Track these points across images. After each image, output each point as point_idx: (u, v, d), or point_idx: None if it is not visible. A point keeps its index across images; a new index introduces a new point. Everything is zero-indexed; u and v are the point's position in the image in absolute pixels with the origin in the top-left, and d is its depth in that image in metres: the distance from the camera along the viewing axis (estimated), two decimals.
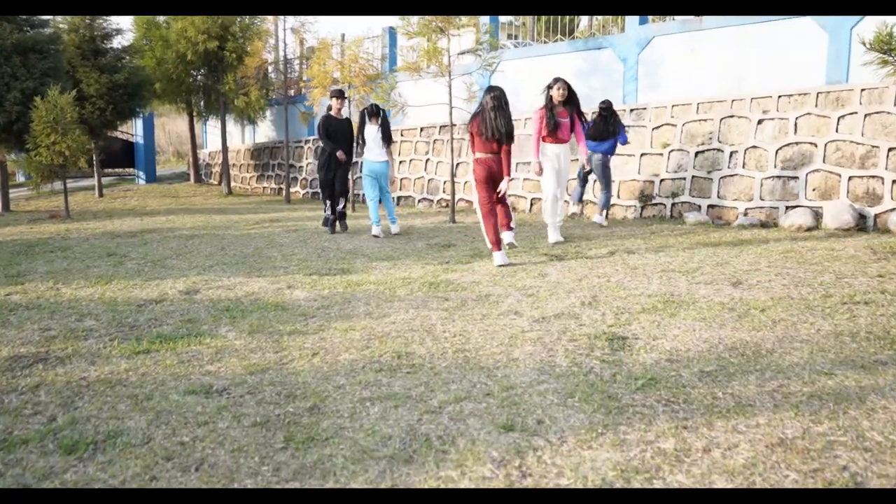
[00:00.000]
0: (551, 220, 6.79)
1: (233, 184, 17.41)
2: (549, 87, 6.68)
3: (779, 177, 7.69)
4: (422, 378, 2.85)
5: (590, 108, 9.91)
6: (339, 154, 7.95)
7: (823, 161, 7.37)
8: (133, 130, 19.79)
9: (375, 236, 7.65)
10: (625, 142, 8.20)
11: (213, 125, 18.69)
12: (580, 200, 8.79)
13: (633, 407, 2.46)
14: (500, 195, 5.78)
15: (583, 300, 4.21)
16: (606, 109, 8.00)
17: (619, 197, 9.10)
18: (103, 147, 16.08)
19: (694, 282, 4.65)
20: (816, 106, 7.55)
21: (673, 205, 8.61)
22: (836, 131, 7.33)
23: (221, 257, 6.54)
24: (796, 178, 7.54)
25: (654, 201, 8.81)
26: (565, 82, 6.67)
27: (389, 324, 3.80)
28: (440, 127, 11.89)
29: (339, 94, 8.16)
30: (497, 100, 5.63)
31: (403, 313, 4.04)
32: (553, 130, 6.58)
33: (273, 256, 6.55)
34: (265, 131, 17.45)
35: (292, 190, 15.11)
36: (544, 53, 10.76)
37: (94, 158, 15.37)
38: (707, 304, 4.01)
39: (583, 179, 8.50)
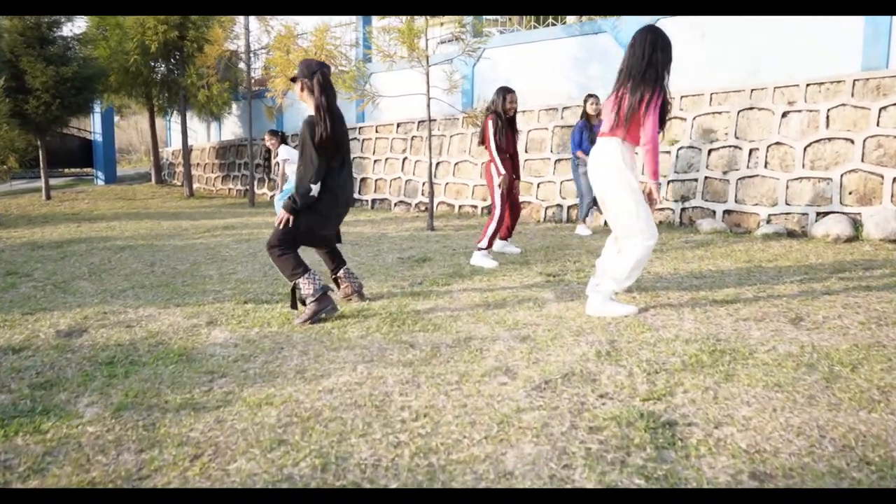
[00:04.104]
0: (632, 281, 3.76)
1: (196, 185, 16.13)
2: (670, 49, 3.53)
3: (808, 178, 6.62)
4: None
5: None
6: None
7: (862, 160, 6.30)
8: (91, 127, 18.41)
9: None
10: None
11: (177, 121, 17.38)
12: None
13: None
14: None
15: (598, 348, 3.07)
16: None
17: None
18: (52, 145, 14.74)
19: (739, 317, 3.53)
20: (853, 96, 6.48)
21: (683, 210, 7.52)
22: (877, 125, 6.27)
23: (144, 277, 5.34)
24: (829, 179, 6.47)
25: (660, 206, 7.71)
26: None
27: (325, 392, 2.63)
28: (418, 122, 10.73)
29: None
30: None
31: (349, 371, 2.87)
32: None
33: (209, 275, 5.36)
34: (231, 128, 16.18)
35: (259, 192, 13.87)
36: (536, 39, 9.62)
37: (41, 157, 14.00)
38: (771, 356, 2.89)
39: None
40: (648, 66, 3.44)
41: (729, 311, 3.67)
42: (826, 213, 6.40)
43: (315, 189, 3.63)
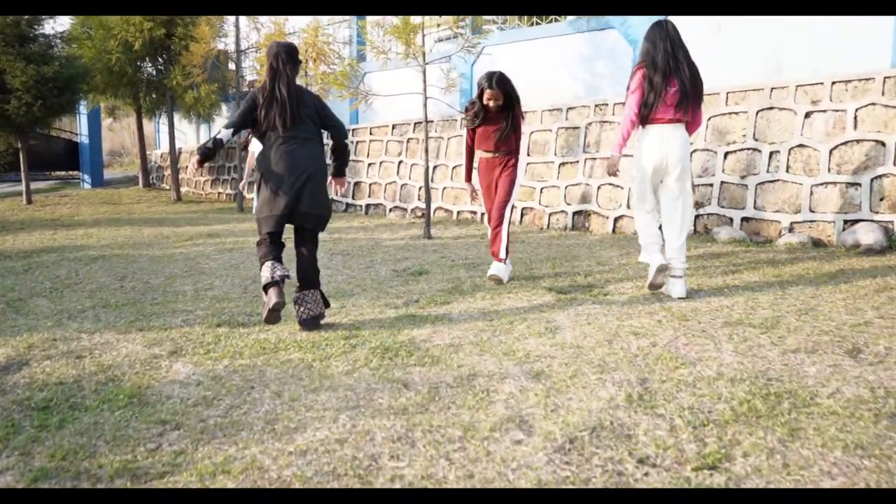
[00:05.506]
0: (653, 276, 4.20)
1: (185, 189, 15.60)
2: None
3: (834, 183, 6.13)
4: None
5: (595, 97, 8.33)
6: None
7: (894, 163, 5.82)
8: (77, 129, 17.85)
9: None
10: None
11: (165, 123, 16.85)
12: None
13: None
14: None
15: (628, 390, 2.57)
16: None
17: (627, 207, 7.49)
18: (36, 147, 14.18)
19: (786, 348, 3.04)
20: (883, 94, 6.00)
21: (697, 217, 7.02)
22: None
23: (110, 294, 4.83)
24: (858, 184, 5.99)
25: None
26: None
27: (297, 454, 2.13)
28: (415, 124, 10.23)
29: None
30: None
31: (329, 423, 2.37)
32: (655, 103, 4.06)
33: (182, 291, 4.85)
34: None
35: (248, 196, 13.34)
36: (538, 36, 9.13)
37: (22, 160, 13.46)
38: (838, 402, 2.39)
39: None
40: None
41: (772, 339, 3.18)
42: (855, 221, 5.92)
43: (225, 133, 3.50)
